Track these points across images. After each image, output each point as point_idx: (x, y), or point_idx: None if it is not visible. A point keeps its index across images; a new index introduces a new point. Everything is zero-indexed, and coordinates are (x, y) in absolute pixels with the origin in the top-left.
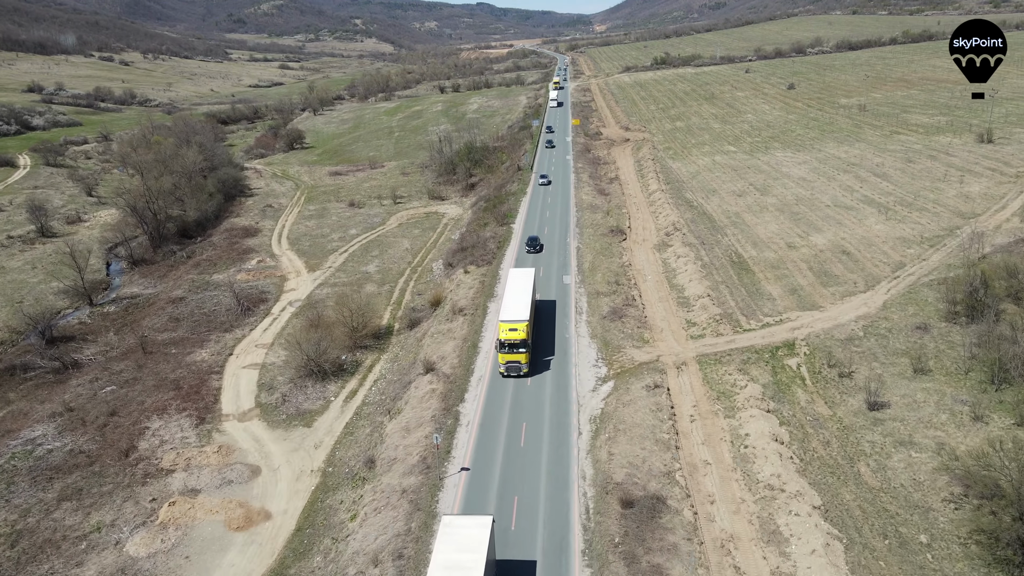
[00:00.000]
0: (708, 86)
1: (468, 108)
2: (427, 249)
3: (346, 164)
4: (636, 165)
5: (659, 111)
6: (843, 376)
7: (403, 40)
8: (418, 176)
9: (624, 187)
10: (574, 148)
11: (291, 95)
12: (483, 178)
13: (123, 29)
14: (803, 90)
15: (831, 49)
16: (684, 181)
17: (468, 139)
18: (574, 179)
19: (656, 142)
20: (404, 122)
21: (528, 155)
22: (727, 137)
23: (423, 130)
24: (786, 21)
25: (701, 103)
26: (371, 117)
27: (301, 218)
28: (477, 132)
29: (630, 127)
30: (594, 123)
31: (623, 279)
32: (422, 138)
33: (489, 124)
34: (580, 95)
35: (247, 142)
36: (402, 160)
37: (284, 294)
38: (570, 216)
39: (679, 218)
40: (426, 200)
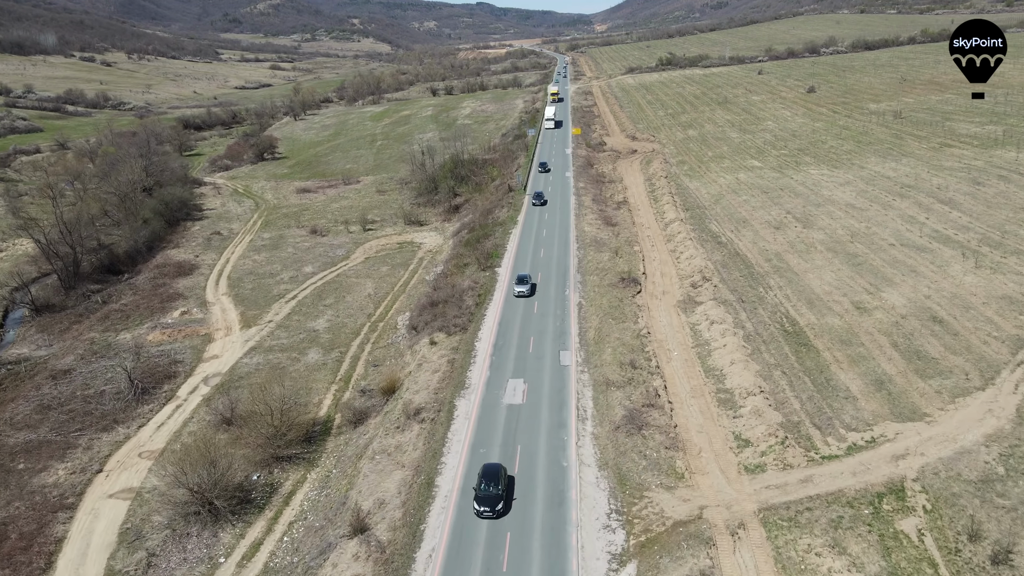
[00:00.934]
0: (719, 89)
1: (460, 113)
2: (394, 295)
3: (318, 179)
4: (647, 184)
5: (668, 117)
6: (998, 561)
7: (401, 40)
8: (396, 195)
9: (634, 214)
10: (575, 162)
11: (276, 97)
12: (469, 198)
13: (109, 28)
14: (825, 94)
15: (846, 49)
16: (706, 207)
17: (455, 150)
18: (575, 203)
19: (667, 155)
20: (389, 129)
21: (521, 172)
22: (748, 149)
23: (408, 138)
24: (792, 20)
25: (714, 108)
26: (355, 123)
27: (251, 250)
28: (467, 141)
29: (637, 136)
30: (597, 131)
31: (640, 358)
32: (406, 148)
33: (481, 132)
34: (581, 99)
35: (218, 151)
36: (380, 174)
37: (202, 364)
38: (570, 256)
39: (707, 261)
40: (401, 226)
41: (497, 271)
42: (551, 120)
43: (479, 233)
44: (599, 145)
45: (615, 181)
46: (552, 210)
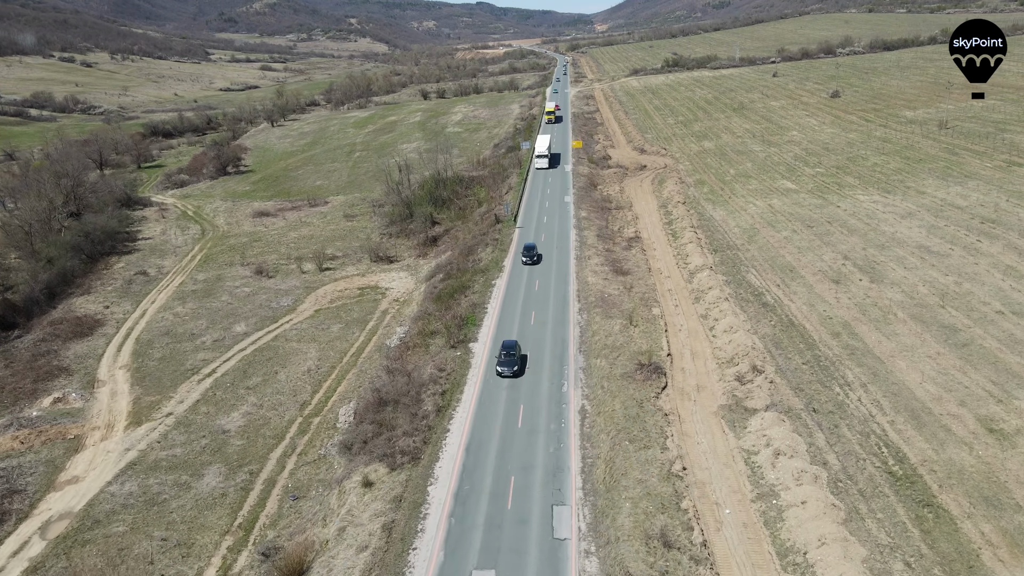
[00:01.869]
0: (733, 93)
1: (450, 119)
2: (342, 370)
3: (281, 199)
4: (662, 212)
5: (680, 126)
6: None
7: (399, 40)
8: (366, 220)
9: (650, 255)
10: (575, 182)
11: (258, 100)
12: (450, 228)
13: (94, 28)
14: (851, 99)
15: (863, 49)
16: (738, 247)
17: (440, 165)
18: (575, 240)
19: (683, 172)
20: (371, 137)
21: (511, 197)
22: (777, 166)
23: (390, 149)
24: (799, 20)
25: (729, 115)
26: (336, 130)
27: (176, 298)
28: (454, 153)
29: (646, 148)
30: (600, 142)
31: (675, 524)
32: (385, 161)
33: (471, 141)
34: (582, 104)
35: (181, 161)
36: (352, 193)
37: (52, 493)
38: (569, 325)
39: (752, 337)
40: (366, 264)
41: (472, 348)
42: (543, 157)
43: (455, 284)
44: (603, 160)
45: (623, 207)
46: (548, 251)
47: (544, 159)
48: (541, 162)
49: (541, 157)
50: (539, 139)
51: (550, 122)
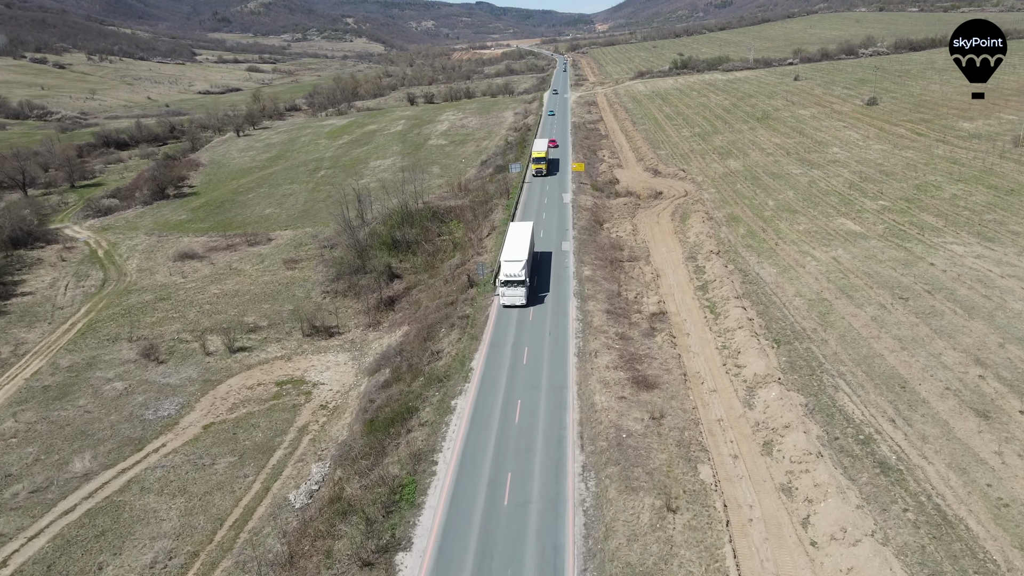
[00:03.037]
0: (752, 99)
1: (435, 129)
2: (208, 561)
3: (218, 233)
4: (690, 266)
5: (697, 139)
6: None
7: (395, 40)
8: (310, 270)
9: (682, 347)
10: (576, 219)
11: (236, 105)
12: (413, 285)
13: (73, 28)
14: (890, 107)
15: (887, 49)
16: (809, 334)
17: (412, 190)
18: (576, 319)
19: (709, 202)
20: (343, 151)
21: (494, 238)
22: (827, 195)
23: (362, 166)
24: (807, 19)
25: (753, 126)
26: (307, 140)
27: (17, 400)
28: (436, 172)
29: (660, 168)
30: (606, 161)
31: None
32: (353, 182)
33: (455, 157)
34: (584, 111)
35: (125, 178)
36: (303, 227)
37: None
38: (566, 514)
39: (883, 551)
40: (297, 339)
41: (398, 566)
42: (516, 264)
43: (397, 406)
44: (610, 185)
45: (639, 258)
46: (537, 336)
47: (515, 266)
48: (513, 265)
49: (515, 250)
50: (516, 230)
51: (538, 173)
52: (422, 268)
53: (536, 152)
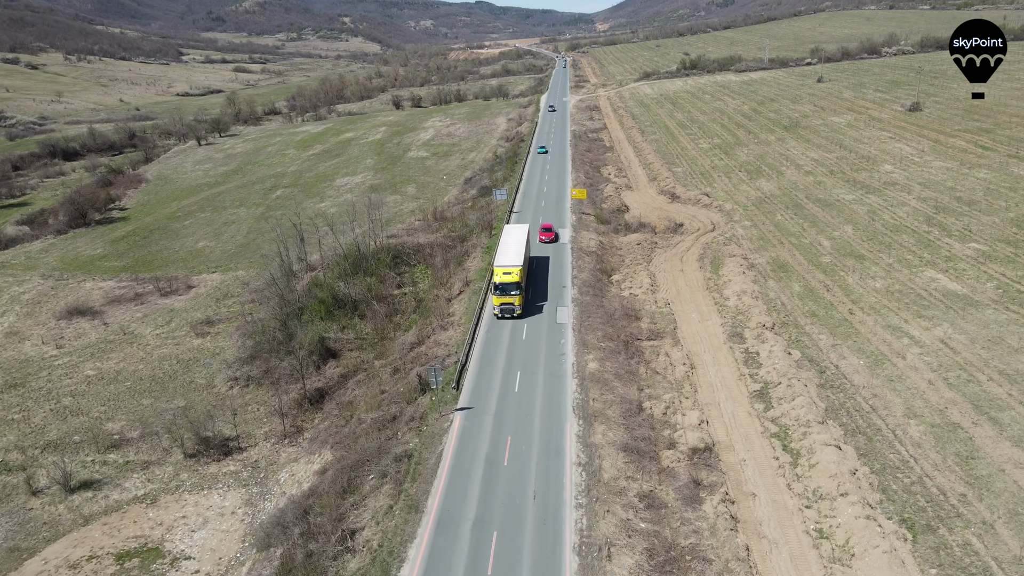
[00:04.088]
0: (774, 104)
1: (417, 138)
2: None
3: (131, 275)
4: (735, 350)
5: (718, 152)
6: None
7: (392, 40)
8: (225, 337)
9: (745, 520)
10: (577, 268)
11: (211, 108)
12: (352, 371)
13: (53, 27)
14: (937, 113)
15: (913, 48)
16: (951, 501)
17: (369, 225)
18: (576, 465)
19: (744, 241)
20: (311, 163)
21: (465, 305)
22: (897, 232)
23: (326, 184)
24: (815, 17)
25: (782, 136)
26: (273, 151)
27: None
28: (411, 192)
29: (678, 191)
30: (611, 179)
31: None
32: (311, 205)
33: (435, 173)
34: (585, 118)
35: (58, 196)
36: (236, 269)
37: None
38: None
39: None
40: (174, 463)
41: None
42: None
43: None
44: (618, 214)
45: (662, 335)
46: (513, 518)
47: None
48: None
49: None
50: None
51: (506, 313)
52: (369, 341)
53: (502, 268)
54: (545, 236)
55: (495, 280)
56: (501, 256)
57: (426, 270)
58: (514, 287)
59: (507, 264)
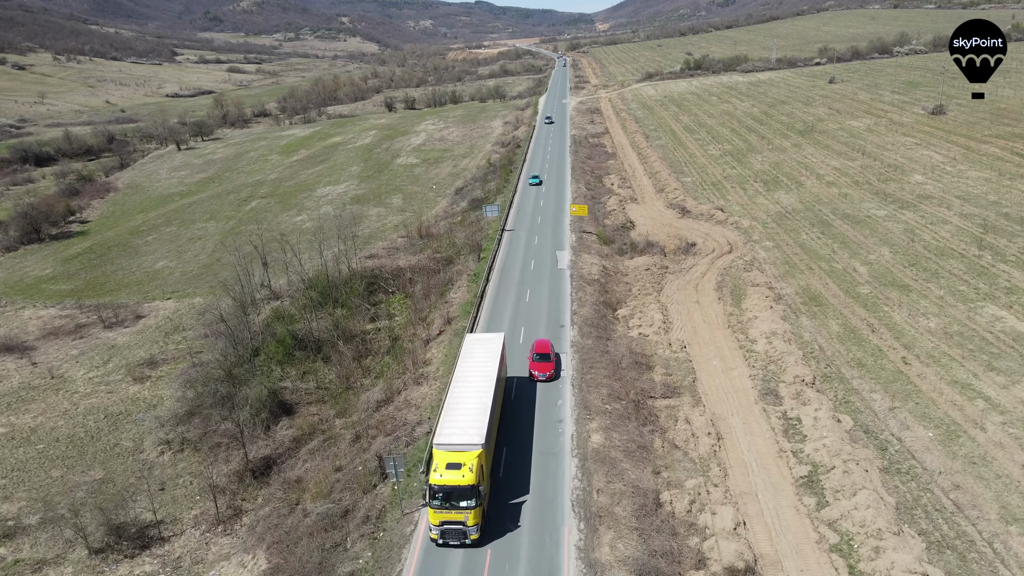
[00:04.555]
0: (786, 106)
1: (408, 142)
2: None
3: (76, 301)
4: (770, 413)
5: (729, 159)
6: None
7: (391, 40)
8: (167, 382)
9: None
10: (577, 301)
11: (198, 110)
12: (309, 432)
13: (44, 26)
14: (963, 117)
15: (926, 48)
16: None
17: (341, 248)
18: (577, 556)
19: (767, 265)
20: (293, 171)
21: (442, 350)
22: (943, 256)
23: (306, 194)
24: (818, 16)
25: (798, 142)
26: (255, 156)
27: None
28: (396, 204)
29: (688, 204)
30: (615, 190)
31: None
32: (286, 219)
33: (424, 182)
34: (585, 121)
35: (19, 204)
36: (195, 294)
37: None
38: None
39: None
40: (75, 565)
41: None
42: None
43: None
44: (623, 231)
45: (678, 390)
46: None
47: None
48: None
49: None
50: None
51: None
52: (332, 392)
53: (448, 448)
54: (541, 371)
55: (432, 477)
56: (449, 418)
57: (405, 300)
58: (467, 494)
59: (457, 443)
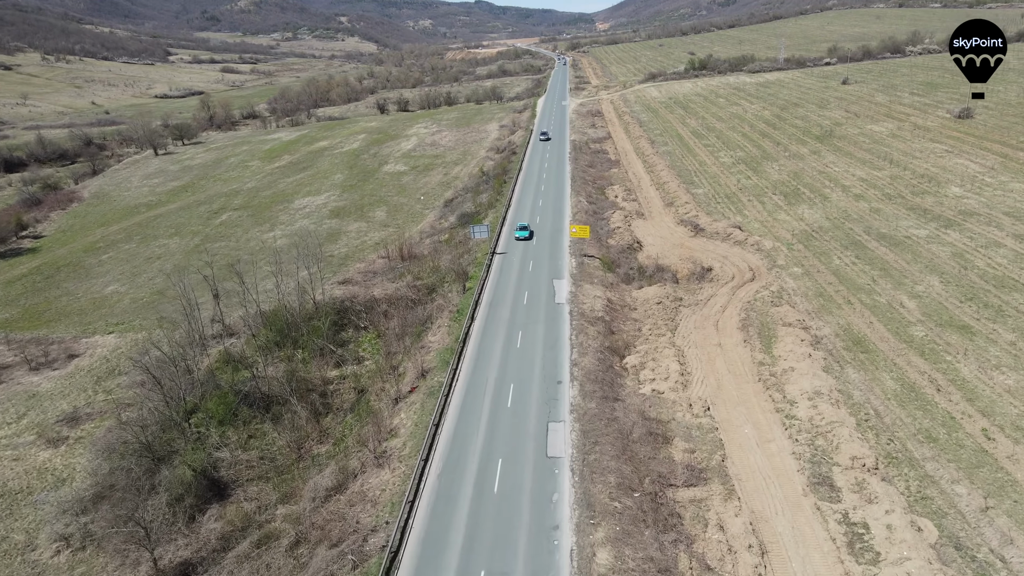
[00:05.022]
0: (799, 108)
1: (397, 148)
2: None
3: (2, 334)
4: (826, 518)
5: (743, 168)
6: None
7: (390, 39)
8: (85, 447)
9: None
10: (578, 349)
11: (184, 111)
12: (244, 525)
13: (34, 25)
14: (992, 121)
15: (939, 47)
16: None
17: (316, 268)
18: None
19: (796, 297)
20: (271, 180)
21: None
22: (1005, 288)
23: (282, 206)
24: (822, 15)
25: (816, 148)
26: (236, 162)
27: None
28: (379, 219)
29: (700, 219)
30: (620, 204)
31: None
32: (256, 236)
33: (412, 193)
34: (586, 125)
35: None
36: (141, 327)
37: None
38: None
39: None
40: None
41: None
42: None
43: None
44: (629, 253)
45: (705, 476)
46: None
47: None
48: None
49: None
50: None
51: None
52: (279, 466)
53: None
54: None
55: None
56: None
57: (377, 340)
58: None
59: None
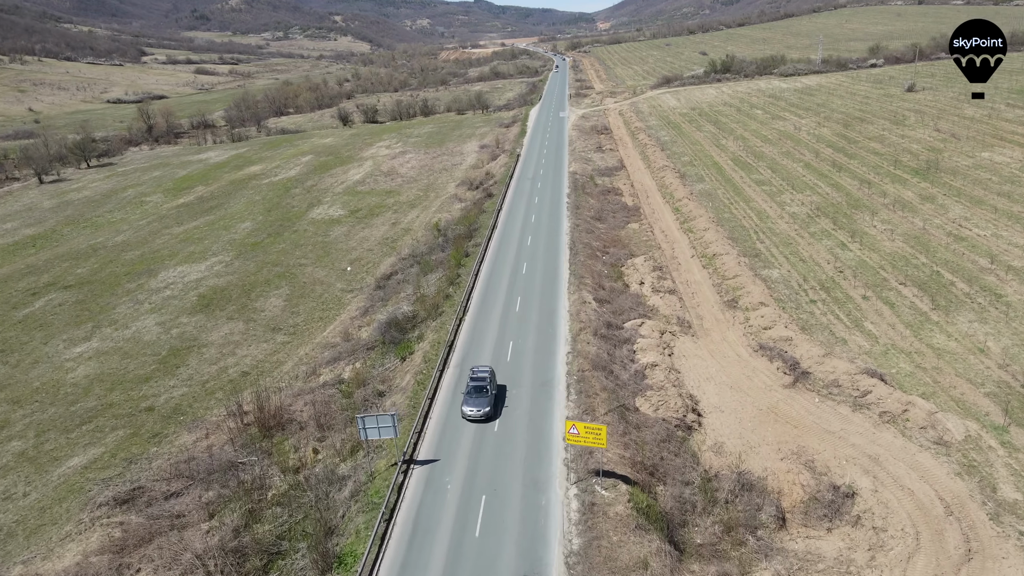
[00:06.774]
0: (866, 125)
1: (344, 177)
2: None
3: None
4: None
5: (826, 223)
6: None
7: (384, 39)
8: None
9: None
10: None
11: (125, 120)
12: None
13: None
14: None
15: None
16: None
17: None
18: None
19: None
20: (152, 231)
21: None
22: None
23: (137, 284)
24: (837, 13)
25: (925, 188)
26: (130, 197)
27: None
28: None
29: (796, 346)
30: (651, 306)
31: None
32: (52, 353)
33: (337, 255)
34: (591, 146)
35: None
36: None
37: None
38: None
39: None
40: None
41: None
42: None
43: None
44: (677, 446)
45: None
46: None
47: None
48: None
49: None
50: None
51: None
52: None
53: None
54: None
55: None
56: None
57: None
58: None
59: None
